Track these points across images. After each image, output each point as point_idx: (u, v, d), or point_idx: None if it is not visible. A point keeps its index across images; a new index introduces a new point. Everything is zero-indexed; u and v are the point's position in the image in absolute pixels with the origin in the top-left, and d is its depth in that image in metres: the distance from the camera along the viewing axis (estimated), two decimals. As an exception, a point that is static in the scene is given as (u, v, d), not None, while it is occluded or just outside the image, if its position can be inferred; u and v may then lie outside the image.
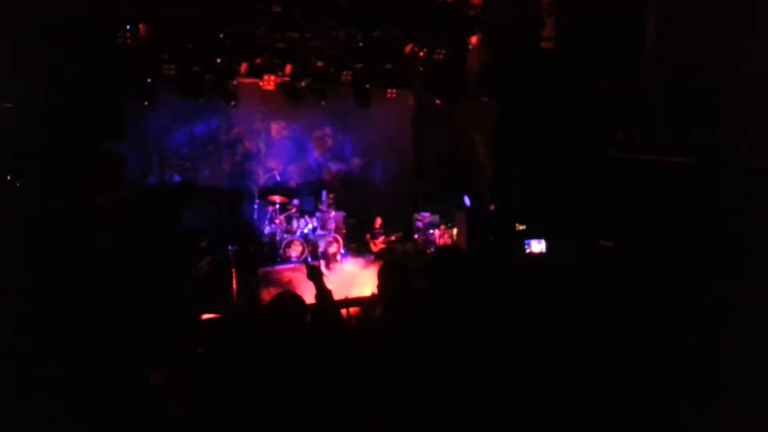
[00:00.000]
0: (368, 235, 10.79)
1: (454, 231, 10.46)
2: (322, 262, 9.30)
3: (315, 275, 3.57)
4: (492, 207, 9.78)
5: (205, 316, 6.99)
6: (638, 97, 8.41)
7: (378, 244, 10.58)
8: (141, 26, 8.33)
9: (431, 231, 10.79)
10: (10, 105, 7.13)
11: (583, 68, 8.83)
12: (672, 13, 8.31)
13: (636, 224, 6.42)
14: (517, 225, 8.06)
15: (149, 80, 9.29)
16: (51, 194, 7.00)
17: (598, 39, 8.97)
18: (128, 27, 8.19)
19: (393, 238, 10.77)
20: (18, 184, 7.07)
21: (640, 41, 8.59)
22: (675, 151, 7.70)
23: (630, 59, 8.55)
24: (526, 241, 6.16)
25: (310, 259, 3.08)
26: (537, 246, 5.72)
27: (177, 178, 10.85)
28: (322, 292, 3.48)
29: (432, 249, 10.30)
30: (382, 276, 3.49)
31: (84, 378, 3.16)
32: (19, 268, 5.98)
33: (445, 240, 10.47)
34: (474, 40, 10.00)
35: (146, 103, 9.60)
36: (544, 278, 3.50)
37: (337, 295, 3.68)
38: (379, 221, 10.95)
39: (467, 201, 10.15)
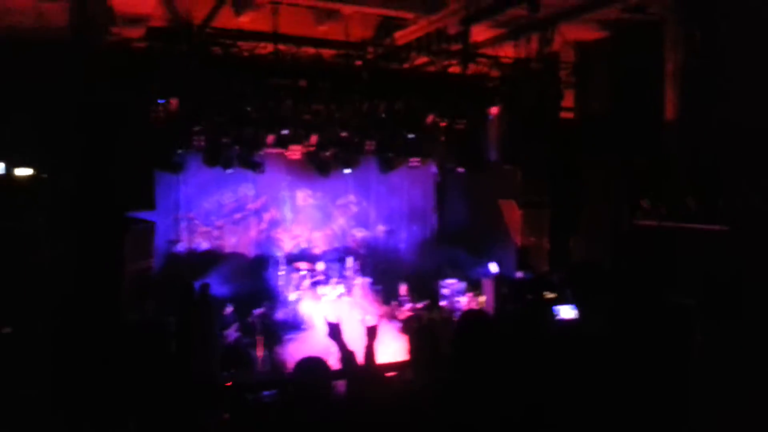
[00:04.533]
0: (394, 303, 10.72)
1: (482, 298, 10.35)
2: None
3: (335, 334, 3.54)
4: (519, 274, 9.70)
5: (231, 383, 6.95)
6: (660, 166, 8.45)
7: (404, 312, 10.49)
8: (172, 101, 8.67)
9: (457, 298, 10.69)
10: (46, 175, 7.36)
11: (605, 138, 8.95)
12: (691, 83, 8.46)
13: (663, 291, 6.33)
14: (546, 293, 7.95)
15: (180, 151, 9.59)
16: (83, 261, 7.14)
17: (617, 109, 9.14)
18: (161, 102, 8.52)
19: (420, 305, 10.69)
20: (51, 251, 7.22)
21: (659, 110, 8.73)
22: (701, 219, 7.66)
23: (650, 129, 8.66)
24: (554, 308, 6.03)
25: (327, 318, 3.07)
26: (568, 312, 5.58)
27: (205, 245, 11.05)
28: (345, 352, 3.45)
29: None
30: (412, 341, 3.47)
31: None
32: (50, 333, 6.05)
33: (472, 307, 10.35)
34: (494, 110, 10.23)
35: (177, 173, 9.88)
36: (575, 346, 3.44)
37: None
38: (404, 288, 10.90)
39: (494, 268, 10.09)
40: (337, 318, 3.59)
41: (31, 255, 6.85)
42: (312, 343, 9.33)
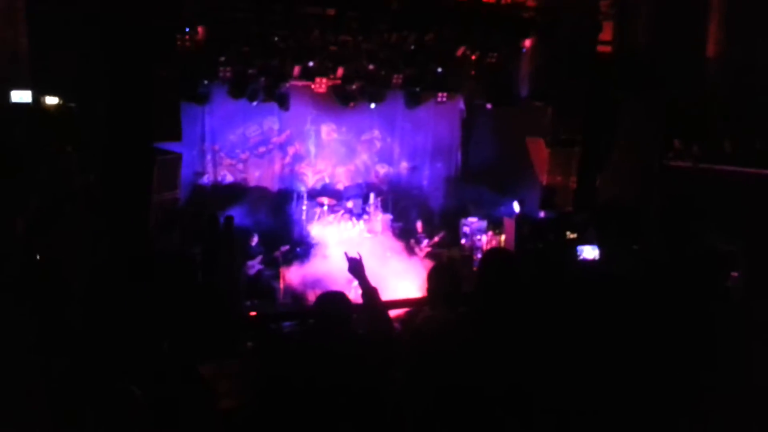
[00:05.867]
0: (412, 240, 10.73)
1: (502, 237, 10.29)
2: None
3: (356, 269, 3.52)
4: (542, 214, 9.58)
5: (254, 313, 7.12)
6: (698, 105, 8.15)
7: (423, 249, 10.52)
8: (199, 29, 8.52)
9: (478, 237, 10.65)
10: (74, 104, 7.38)
11: (643, 74, 8.59)
12: (735, 18, 8.04)
13: (694, 234, 6.19)
14: (569, 233, 7.85)
15: (206, 82, 9.51)
16: (112, 190, 7.23)
17: (658, 44, 8.73)
18: (186, 30, 8.38)
19: (436, 239, 10.68)
20: (80, 180, 7.30)
21: (702, 46, 8.33)
22: (735, 161, 7.43)
23: (691, 65, 8.30)
24: (578, 247, 5.96)
25: (349, 254, 3.04)
26: (590, 252, 5.52)
27: (229, 178, 11.11)
28: (366, 287, 3.44)
29: (479, 255, 10.16)
30: (432, 277, 3.46)
31: (136, 367, 3.25)
32: (79, 261, 6.20)
33: (492, 246, 10.32)
34: (528, 43, 9.84)
35: (202, 105, 9.83)
36: (597, 285, 3.40)
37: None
38: (420, 225, 10.89)
39: (516, 207, 9.98)
40: (357, 253, 3.56)
41: (61, 183, 6.95)
42: (332, 277, 9.47)
